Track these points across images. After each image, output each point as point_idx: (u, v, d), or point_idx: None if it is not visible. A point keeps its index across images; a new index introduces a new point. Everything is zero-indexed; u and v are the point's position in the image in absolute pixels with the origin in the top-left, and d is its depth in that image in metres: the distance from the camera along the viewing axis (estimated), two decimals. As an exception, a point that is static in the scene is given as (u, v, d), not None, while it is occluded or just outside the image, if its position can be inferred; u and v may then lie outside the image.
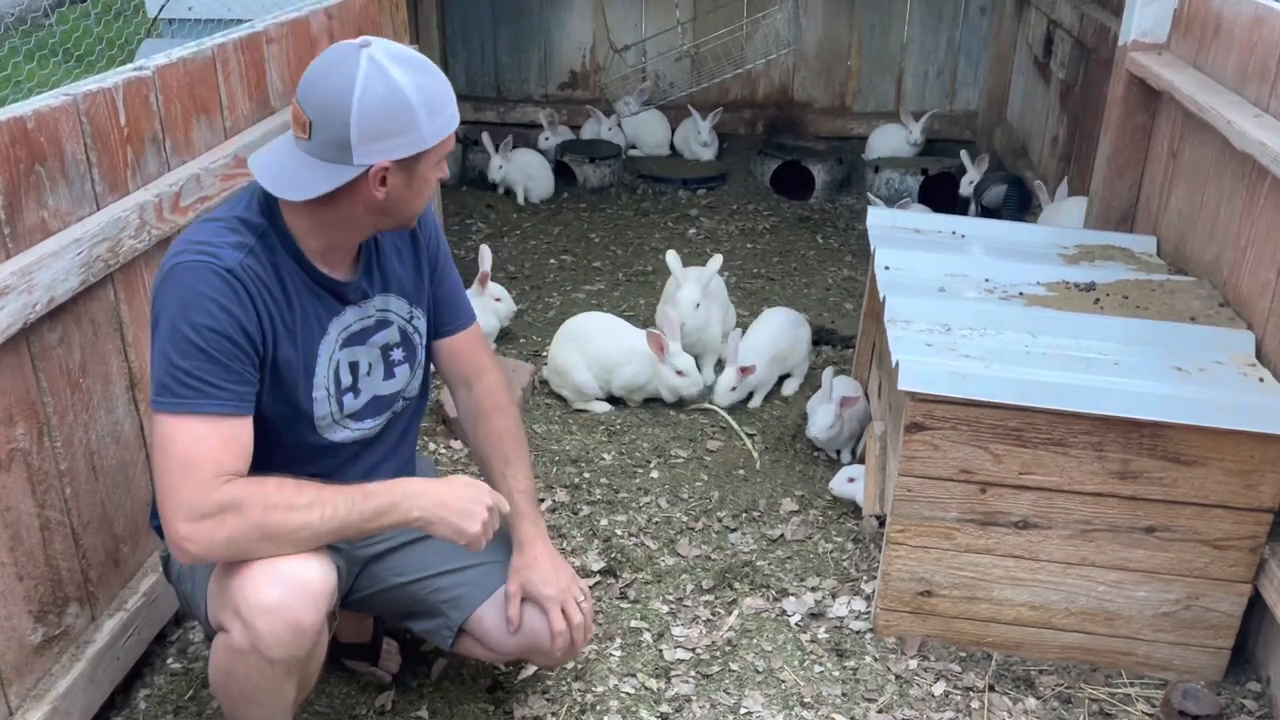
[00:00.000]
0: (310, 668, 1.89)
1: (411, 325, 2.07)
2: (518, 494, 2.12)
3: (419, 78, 1.75)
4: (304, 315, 1.88)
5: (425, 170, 1.82)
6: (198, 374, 1.73)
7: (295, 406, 1.90)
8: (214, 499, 1.70)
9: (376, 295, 2.00)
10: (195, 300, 1.73)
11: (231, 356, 1.75)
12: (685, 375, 3.50)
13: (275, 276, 1.83)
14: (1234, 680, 2.49)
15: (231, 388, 1.76)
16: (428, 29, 6.04)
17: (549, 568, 2.09)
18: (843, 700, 2.41)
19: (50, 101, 2.03)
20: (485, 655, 2.17)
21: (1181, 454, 2.30)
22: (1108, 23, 4.20)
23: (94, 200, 2.15)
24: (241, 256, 1.78)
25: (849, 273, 4.79)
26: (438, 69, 1.81)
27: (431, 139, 1.77)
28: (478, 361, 2.22)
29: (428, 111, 1.75)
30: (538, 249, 4.94)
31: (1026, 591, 2.48)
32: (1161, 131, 3.32)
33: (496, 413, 2.20)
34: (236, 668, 1.79)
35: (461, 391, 2.23)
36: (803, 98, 6.48)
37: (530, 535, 2.11)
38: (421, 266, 2.09)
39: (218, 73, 2.62)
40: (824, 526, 3.01)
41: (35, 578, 2.03)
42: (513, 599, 2.07)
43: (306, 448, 1.96)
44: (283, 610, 1.74)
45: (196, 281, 1.74)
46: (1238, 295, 2.72)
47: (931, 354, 2.44)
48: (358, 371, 1.98)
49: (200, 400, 1.73)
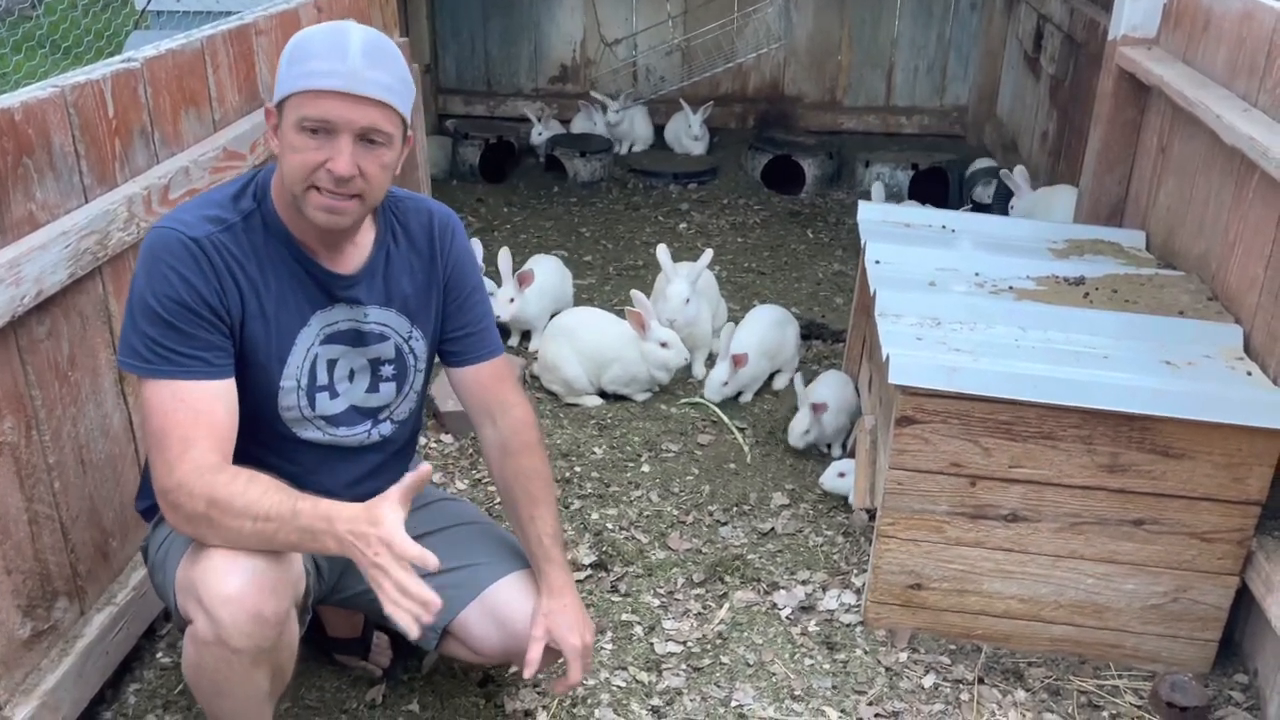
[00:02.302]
0: (281, 658, 1.86)
1: (408, 345, 2.03)
2: (546, 538, 2.08)
3: (316, 30, 1.73)
4: (283, 300, 1.87)
5: (287, 128, 1.73)
6: (165, 342, 1.76)
7: (260, 390, 1.89)
8: (173, 478, 1.73)
9: (374, 306, 1.96)
10: (157, 268, 1.76)
11: (194, 325, 1.77)
12: (669, 346, 3.51)
13: (254, 256, 1.83)
14: (1221, 672, 2.50)
15: (199, 354, 1.77)
16: (417, 22, 6.03)
17: (576, 616, 2.05)
18: (833, 693, 2.42)
19: (38, 93, 2.01)
20: (469, 657, 2.16)
21: (1170, 447, 2.31)
22: (1097, 17, 4.21)
23: (82, 193, 2.14)
24: (213, 230, 1.79)
25: (839, 267, 4.80)
26: (351, 41, 1.71)
27: (286, 85, 1.72)
28: (502, 396, 2.13)
29: (291, 58, 1.72)
30: (528, 243, 4.94)
31: (1016, 584, 2.49)
32: (1151, 126, 3.33)
33: (524, 453, 2.11)
34: (204, 659, 1.78)
35: (486, 426, 2.14)
36: (793, 92, 6.48)
37: (560, 583, 2.07)
38: (432, 291, 2.03)
39: (206, 65, 2.61)
40: (814, 520, 3.02)
41: (23, 572, 2.03)
42: (537, 642, 2.02)
43: (278, 438, 1.95)
44: (242, 599, 1.72)
45: (161, 250, 1.77)
46: (1226, 289, 2.73)
47: (922, 348, 2.44)
48: (334, 372, 1.95)
49: (165, 367, 1.76)
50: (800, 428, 3.23)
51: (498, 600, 2.08)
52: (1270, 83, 2.58)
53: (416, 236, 2.02)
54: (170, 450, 1.74)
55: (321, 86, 1.69)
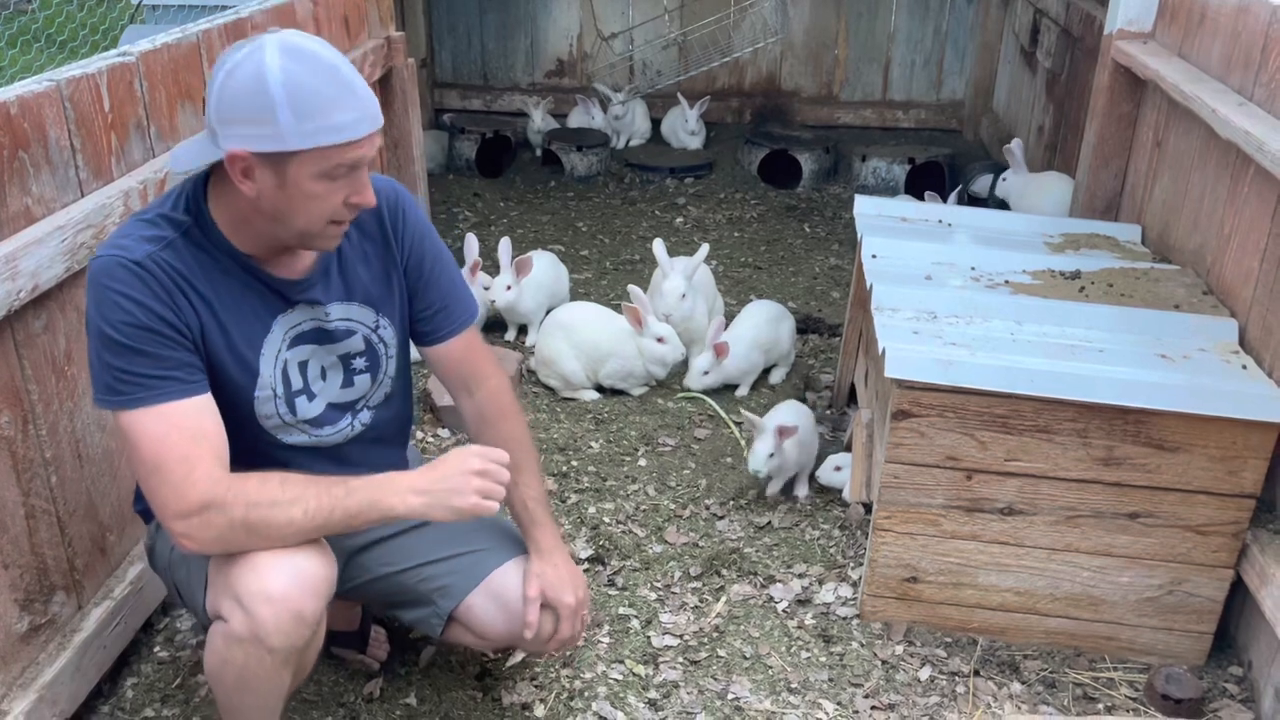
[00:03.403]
0: (307, 656, 1.89)
1: (377, 335, 2.01)
2: (531, 501, 2.09)
3: (304, 74, 1.62)
4: (239, 311, 1.83)
5: (299, 178, 1.67)
6: (134, 369, 1.71)
7: (237, 403, 1.86)
8: (193, 499, 1.69)
9: (335, 302, 1.94)
10: (107, 298, 1.71)
11: (158, 345, 1.72)
12: (666, 341, 3.51)
13: (199, 270, 1.78)
14: (1216, 664, 2.51)
15: (171, 374, 1.73)
16: (413, 15, 6.01)
17: (567, 575, 2.07)
18: (829, 685, 2.42)
19: (34, 87, 2.01)
20: (475, 643, 2.17)
21: (1165, 440, 2.31)
22: (1093, 11, 4.22)
23: (78, 187, 2.14)
24: (153, 249, 1.74)
25: (836, 261, 4.80)
26: (347, 77, 1.67)
27: (295, 141, 1.63)
28: (477, 367, 2.14)
29: (293, 109, 1.61)
30: (525, 238, 4.93)
31: (1011, 577, 2.50)
32: (1146, 120, 3.33)
33: (503, 420, 2.13)
34: (235, 656, 1.78)
35: (464, 398, 2.16)
36: (790, 86, 6.48)
37: (549, 544, 2.09)
38: (392, 275, 2.01)
39: (203, 59, 2.60)
40: (811, 514, 3.03)
41: (21, 566, 2.03)
42: (532, 603, 2.04)
43: (264, 446, 1.94)
44: (286, 599, 1.73)
45: (106, 279, 1.72)
46: (1221, 283, 2.73)
47: (918, 342, 2.45)
48: (307, 373, 1.94)
49: (144, 394, 1.71)
50: (764, 449, 2.92)
51: (503, 584, 2.09)
52: (1265, 77, 2.59)
53: (366, 222, 1.96)
54: (174, 474, 1.69)
55: (354, 137, 1.67)
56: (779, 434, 2.92)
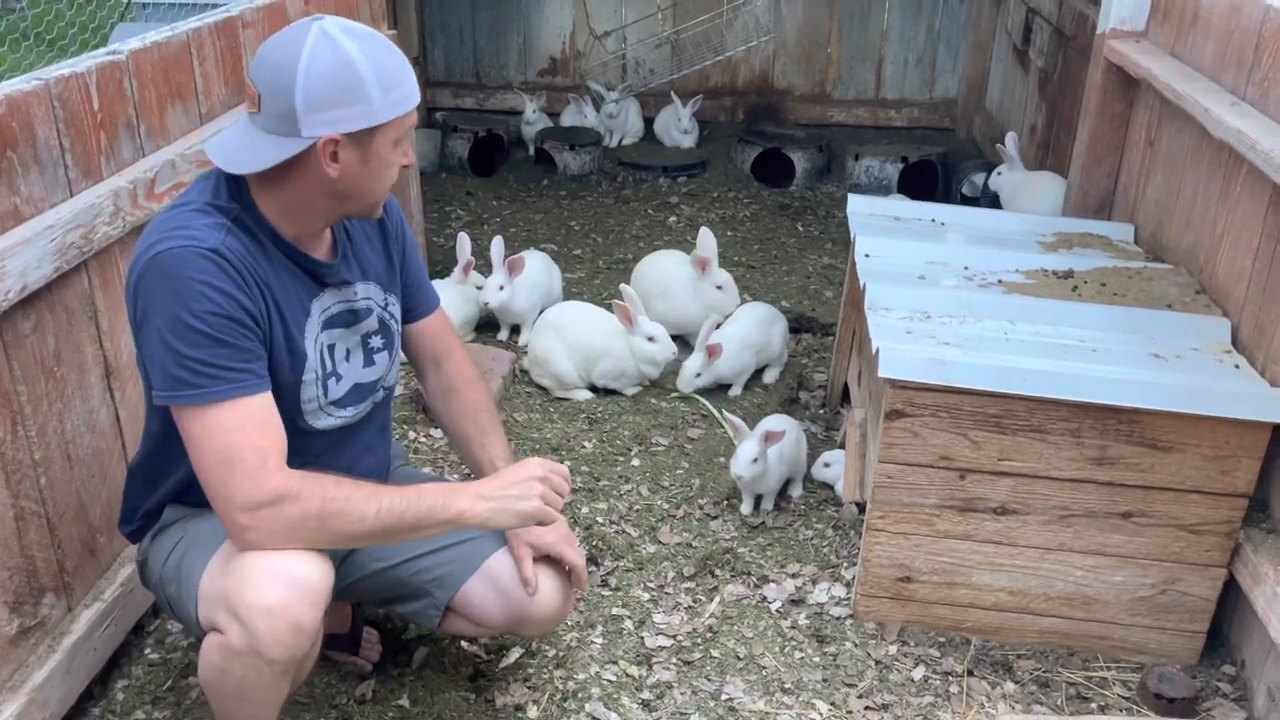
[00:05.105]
0: (305, 665, 1.89)
1: (388, 312, 2.06)
2: (499, 460, 2.12)
3: (372, 50, 1.70)
4: (288, 296, 1.85)
5: (381, 149, 1.75)
6: (212, 361, 1.69)
7: (285, 388, 1.87)
8: (268, 489, 1.70)
9: (358, 282, 1.98)
10: (189, 287, 1.68)
11: (239, 336, 1.72)
12: (656, 340, 3.51)
13: (262, 257, 1.80)
14: (1209, 663, 2.52)
15: (247, 366, 1.73)
16: (406, 14, 6.00)
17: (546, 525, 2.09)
18: (823, 685, 2.42)
19: (22, 86, 2.00)
20: (473, 630, 2.18)
21: (1158, 440, 2.31)
22: (1086, 10, 4.22)
23: (67, 186, 2.12)
24: (222, 236, 1.74)
25: (829, 260, 4.80)
26: (394, 46, 1.77)
27: (384, 113, 1.72)
28: (446, 342, 2.24)
29: (379, 84, 1.70)
30: (518, 236, 4.92)
31: (1005, 577, 2.50)
32: (1139, 119, 3.34)
33: (468, 388, 2.21)
34: (232, 668, 1.77)
35: (431, 372, 2.24)
36: (783, 85, 6.47)
37: None
38: (391, 253, 2.07)
39: (193, 57, 2.59)
40: (804, 514, 3.02)
41: (10, 568, 2.01)
42: (524, 560, 2.07)
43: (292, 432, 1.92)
44: (284, 611, 1.72)
45: (184, 268, 1.69)
46: (1214, 282, 2.74)
47: (911, 341, 2.44)
48: (335, 355, 1.96)
49: (221, 386, 1.70)
50: (748, 455, 2.85)
51: (499, 570, 2.09)
52: (1258, 76, 2.59)
53: None
54: (249, 464, 1.69)
55: (417, 100, 1.78)
56: (765, 439, 2.86)
